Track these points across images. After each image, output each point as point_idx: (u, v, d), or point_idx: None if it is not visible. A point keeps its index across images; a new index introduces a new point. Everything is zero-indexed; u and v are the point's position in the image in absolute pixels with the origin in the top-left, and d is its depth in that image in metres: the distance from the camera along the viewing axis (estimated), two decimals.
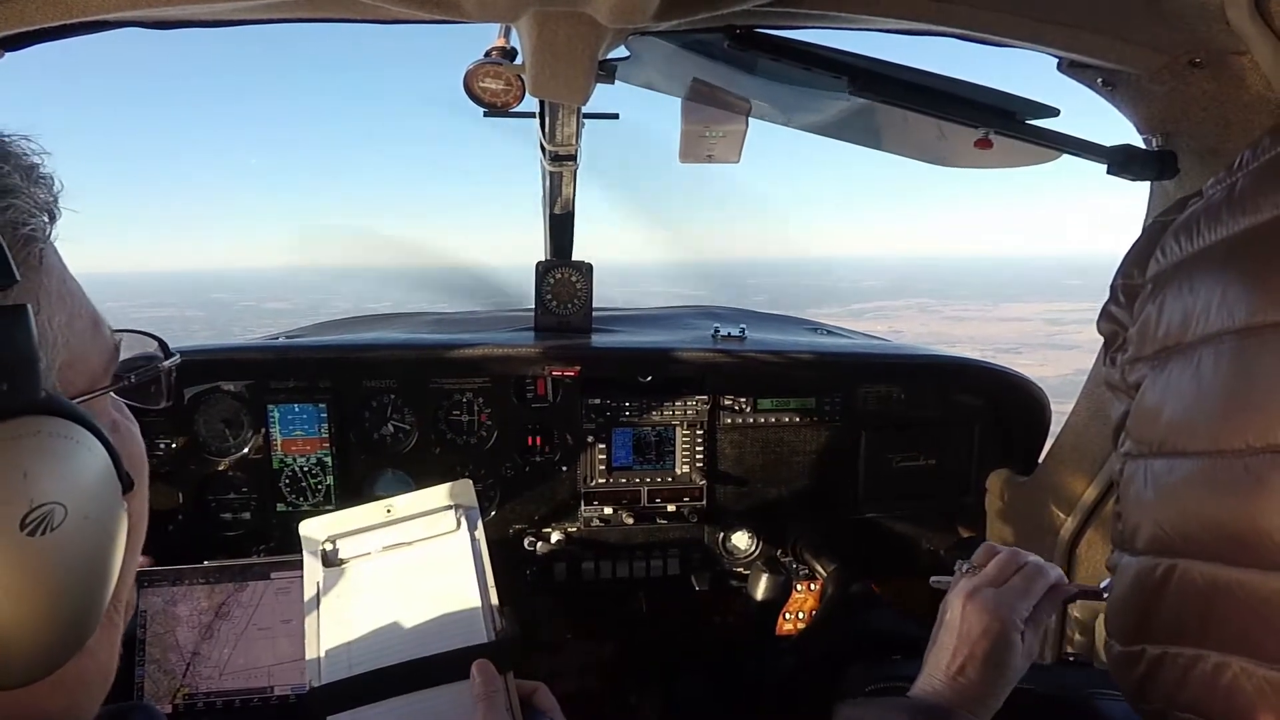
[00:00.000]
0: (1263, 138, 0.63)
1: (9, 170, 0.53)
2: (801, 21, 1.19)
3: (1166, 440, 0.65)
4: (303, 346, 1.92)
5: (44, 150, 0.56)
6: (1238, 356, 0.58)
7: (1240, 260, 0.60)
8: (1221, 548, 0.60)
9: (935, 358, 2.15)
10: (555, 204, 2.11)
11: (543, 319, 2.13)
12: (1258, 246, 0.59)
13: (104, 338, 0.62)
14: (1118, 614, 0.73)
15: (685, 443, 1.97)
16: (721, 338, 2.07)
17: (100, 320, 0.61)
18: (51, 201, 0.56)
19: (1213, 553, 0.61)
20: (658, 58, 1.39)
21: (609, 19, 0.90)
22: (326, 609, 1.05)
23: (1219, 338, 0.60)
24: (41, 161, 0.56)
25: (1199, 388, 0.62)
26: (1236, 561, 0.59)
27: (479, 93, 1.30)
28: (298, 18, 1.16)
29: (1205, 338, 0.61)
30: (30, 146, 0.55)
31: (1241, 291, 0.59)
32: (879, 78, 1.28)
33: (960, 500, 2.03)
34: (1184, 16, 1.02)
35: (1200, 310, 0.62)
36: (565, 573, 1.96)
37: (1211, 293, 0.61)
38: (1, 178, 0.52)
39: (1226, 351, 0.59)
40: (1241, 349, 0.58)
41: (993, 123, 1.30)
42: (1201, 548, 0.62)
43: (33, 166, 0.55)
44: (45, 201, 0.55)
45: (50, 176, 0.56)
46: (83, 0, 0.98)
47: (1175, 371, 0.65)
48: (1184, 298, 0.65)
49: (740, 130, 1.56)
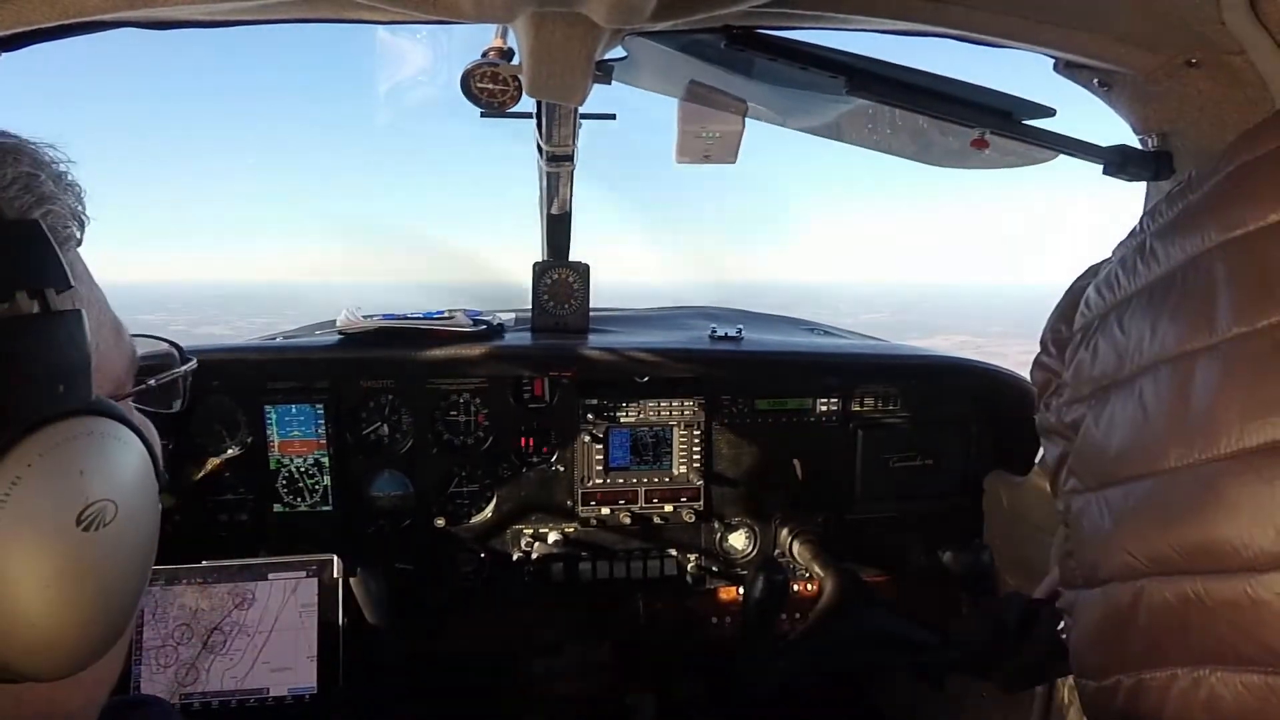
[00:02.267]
0: (1159, 204, 0.71)
1: (44, 178, 0.53)
2: (798, 22, 1.20)
3: (1118, 469, 0.69)
4: (300, 347, 1.92)
5: (70, 159, 0.57)
6: (1175, 381, 0.64)
7: (1162, 299, 0.67)
8: (1188, 561, 0.62)
9: (931, 358, 2.15)
10: (552, 204, 2.12)
11: (540, 319, 2.13)
12: (1176, 287, 0.66)
13: (125, 343, 0.64)
14: (1086, 651, 0.75)
15: (682, 443, 1.97)
16: (718, 338, 2.07)
17: (121, 326, 0.63)
18: (81, 209, 0.57)
19: (1180, 567, 0.63)
20: (655, 58, 1.39)
21: (606, 20, 0.90)
22: None
23: (1155, 366, 0.66)
24: (69, 169, 0.57)
25: (1144, 414, 0.66)
26: (1203, 571, 0.61)
27: (477, 93, 1.30)
28: (294, 18, 1.16)
29: (1143, 368, 0.67)
30: (58, 154, 0.56)
31: (1169, 325, 0.65)
32: (876, 78, 1.28)
33: (957, 500, 2.03)
34: (1180, 17, 1.02)
35: (1134, 347, 0.69)
36: (562, 573, 1.95)
37: (1142, 330, 0.68)
38: (39, 185, 0.53)
39: (1165, 377, 0.65)
40: (1176, 373, 0.64)
41: (989, 123, 1.30)
42: (1168, 564, 0.64)
43: (62, 174, 0.56)
44: (76, 209, 0.57)
45: (77, 183, 0.57)
46: (79, 1, 0.98)
47: (1117, 405, 0.70)
48: (1115, 339, 0.71)
49: (737, 131, 1.56)
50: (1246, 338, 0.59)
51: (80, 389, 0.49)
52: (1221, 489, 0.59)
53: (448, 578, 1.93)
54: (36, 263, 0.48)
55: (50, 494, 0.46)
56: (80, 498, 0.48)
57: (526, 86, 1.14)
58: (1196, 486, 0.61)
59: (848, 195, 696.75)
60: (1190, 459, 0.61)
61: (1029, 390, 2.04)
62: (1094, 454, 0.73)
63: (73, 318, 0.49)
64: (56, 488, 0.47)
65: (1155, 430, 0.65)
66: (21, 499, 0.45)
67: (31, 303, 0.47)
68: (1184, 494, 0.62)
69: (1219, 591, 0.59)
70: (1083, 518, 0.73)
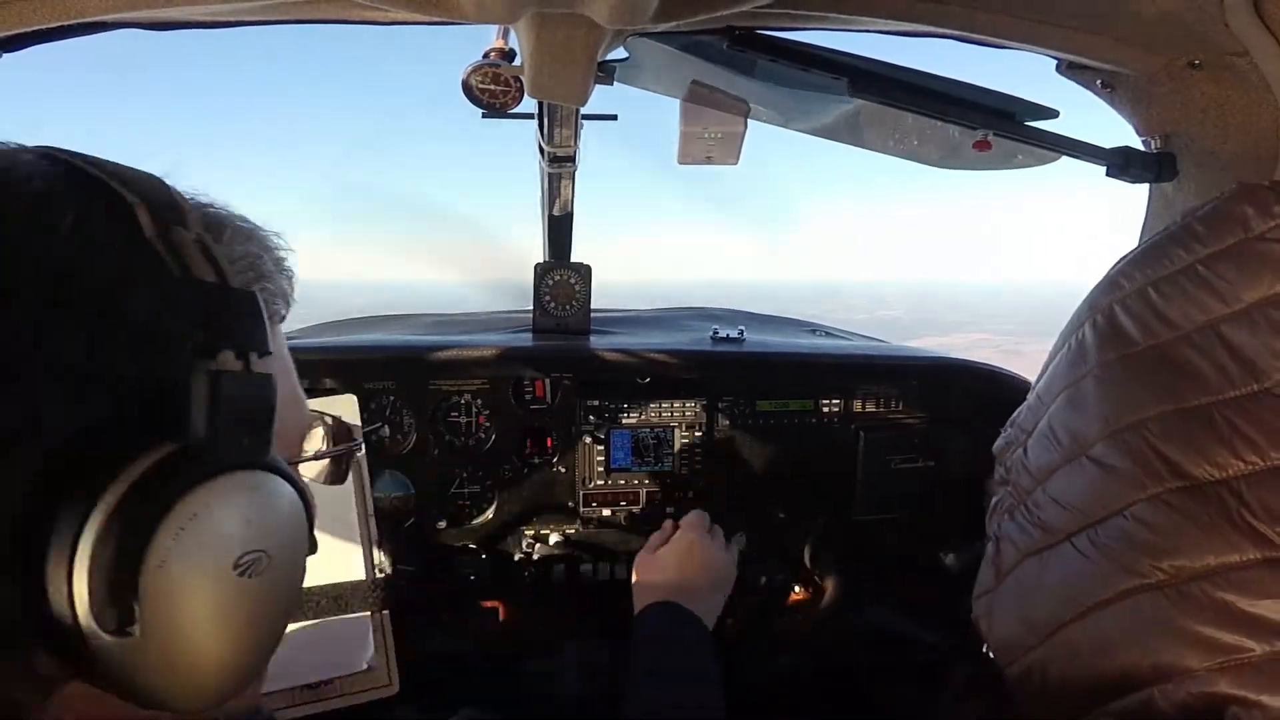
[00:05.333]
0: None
1: (267, 259, 0.63)
2: (800, 23, 1.19)
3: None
4: (301, 348, 1.92)
5: (290, 247, 0.66)
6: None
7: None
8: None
9: (933, 359, 2.14)
10: (554, 205, 2.11)
11: (541, 321, 2.13)
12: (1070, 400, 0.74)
13: (303, 413, 0.73)
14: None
15: (684, 444, 1.96)
16: (720, 339, 2.07)
17: (301, 398, 0.72)
18: (290, 292, 0.67)
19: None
20: (657, 59, 1.39)
21: (608, 20, 0.90)
22: None
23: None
24: (288, 256, 0.66)
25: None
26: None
27: (478, 94, 1.30)
28: (296, 19, 1.16)
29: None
30: (281, 241, 0.65)
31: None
32: (878, 79, 1.27)
33: (959, 501, 2.03)
34: (1183, 18, 1.02)
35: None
36: (563, 574, 1.95)
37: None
38: (261, 264, 0.62)
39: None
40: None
41: (992, 124, 1.30)
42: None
43: (282, 259, 0.65)
44: (286, 290, 0.66)
45: (292, 270, 0.66)
46: (80, 2, 0.98)
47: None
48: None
49: (739, 132, 1.56)
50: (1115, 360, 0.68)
51: (262, 446, 0.54)
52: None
53: (449, 578, 1.93)
54: (248, 328, 0.54)
55: (219, 536, 0.49)
56: (242, 544, 0.51)
57: (528, 87, 1.13)
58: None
59: (854, 192, 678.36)
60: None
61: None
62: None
63: (267, 381, 0.54)
64: (225, 531, 0.50)
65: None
66: (196, 534, 0.48)
67: (237, 361, 0.53)
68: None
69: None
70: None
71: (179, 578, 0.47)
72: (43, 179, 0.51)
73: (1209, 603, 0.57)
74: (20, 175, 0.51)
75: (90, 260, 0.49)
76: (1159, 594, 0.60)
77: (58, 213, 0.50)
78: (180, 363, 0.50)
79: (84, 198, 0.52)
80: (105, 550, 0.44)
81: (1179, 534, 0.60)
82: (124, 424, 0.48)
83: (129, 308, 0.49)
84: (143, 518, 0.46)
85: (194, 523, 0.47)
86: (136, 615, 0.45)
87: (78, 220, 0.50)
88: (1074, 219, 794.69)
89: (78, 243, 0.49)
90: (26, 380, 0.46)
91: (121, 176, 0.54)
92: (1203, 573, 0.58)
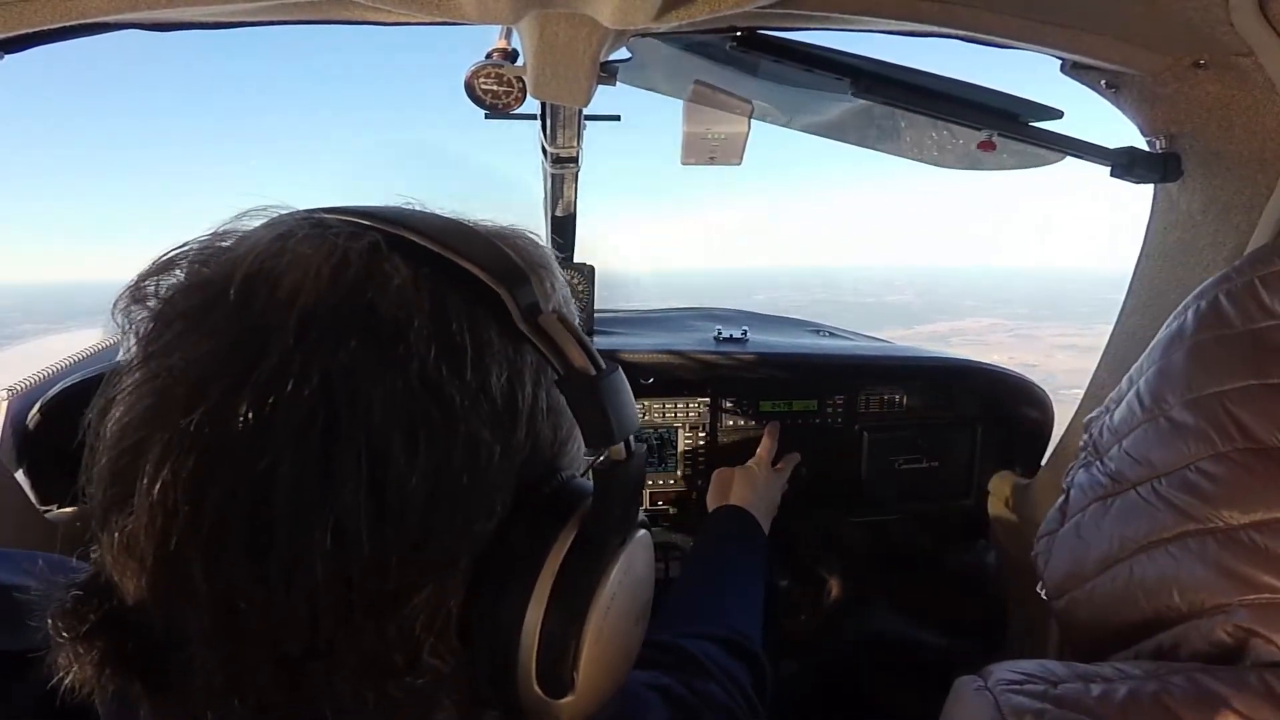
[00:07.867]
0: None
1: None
2: (804, 23, 1.19)
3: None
4: None
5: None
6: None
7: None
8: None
9: (937, 360, 2.14)
10: (557, 206, 2.11)
11: None
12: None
13: None
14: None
15: (687, 445, 1.96)
16: (723, 340, 2.06)
17: None
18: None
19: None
20: (660, 60, 1.38)
21: (610, 21, 0.89)
22: None
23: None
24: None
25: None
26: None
27: (480, 94, 1.30)
28: (297, 20, 1.16)
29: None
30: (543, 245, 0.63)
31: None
32: (882, 79, 1.27)
33: (963, 501, 2.03)
34: (1188, 18, 1.01)
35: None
36: None
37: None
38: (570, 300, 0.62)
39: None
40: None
41: (996, 125, 1.29)
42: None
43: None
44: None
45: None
46: (82, 2, 0.98)
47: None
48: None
49: (742, 132, 1.56)
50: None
51: (638, 507, 0.60)
52: None
53: None
54: (630, 422, 0.56)
55: (631, 600, 0.56)
56: (645, 599, 0.59)
57: (531, 88, 1.13)
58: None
59: (859, 177, 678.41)
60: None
61: (1035, 392, 2.03)
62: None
63: (642, 458, 0.58)
64: (635, 594, 0.57)
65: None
66: (617, 606, 0.54)
67: (622, 450, 0.56)
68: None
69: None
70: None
71: (605, 641, 0.53)
72: (398, 274, 0.49)
73: (1253, 546, 0.63)
74: (389, 286, 0.48)
75: (495, 374, 0.50)
76: (1209, 537, 0.66)
77: (446, 320, 0.48)
78: (579, 462, 0.58)
79: (449, 290, 0.50)
80: (550, 631, 0.51)
81: (1238, 487, 0.65)
82: (538, 523, 0.52)
83: (537, 427, 0.53)
84: (577, 603, 0.51)
85: (614, 601, 0.53)
86: (576, 680, 0.52)
87: (470, 325, 0.49)
88: (1082, 206, 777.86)
89: (475, 349, 0.49)
90: (485, 492, 0.50)
91: (467, 253, 0.51)
92: (1254, 524, 0.64)
